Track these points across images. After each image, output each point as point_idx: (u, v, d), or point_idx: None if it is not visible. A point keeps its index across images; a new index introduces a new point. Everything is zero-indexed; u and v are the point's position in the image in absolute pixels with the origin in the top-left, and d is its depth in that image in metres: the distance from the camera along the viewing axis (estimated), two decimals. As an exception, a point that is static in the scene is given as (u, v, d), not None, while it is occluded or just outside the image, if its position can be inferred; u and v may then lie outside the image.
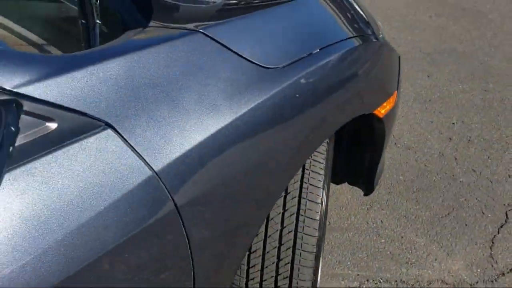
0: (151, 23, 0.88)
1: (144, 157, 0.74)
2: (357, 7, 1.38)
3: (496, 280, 1.72)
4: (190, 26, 0.90)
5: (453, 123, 2.55)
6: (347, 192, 2.06)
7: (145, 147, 0.74)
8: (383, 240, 1.86)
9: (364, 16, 1.38)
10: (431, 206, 2.02)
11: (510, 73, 3.06)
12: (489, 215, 1.99)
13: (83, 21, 0.85)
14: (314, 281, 1.18)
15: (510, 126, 2.53)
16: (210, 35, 0.88)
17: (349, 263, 1.77)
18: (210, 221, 0.86)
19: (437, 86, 2.89)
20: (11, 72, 0.64)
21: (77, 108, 0.68)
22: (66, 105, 0.67)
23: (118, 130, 0.72)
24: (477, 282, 1.72)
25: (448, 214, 1.99)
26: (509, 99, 2.77)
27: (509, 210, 2.02)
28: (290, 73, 0.99)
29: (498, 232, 1.91)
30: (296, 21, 1.12)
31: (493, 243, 1.87)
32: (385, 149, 1.61)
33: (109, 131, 0.71)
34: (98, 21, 0.84)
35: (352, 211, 1.98)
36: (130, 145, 0.73)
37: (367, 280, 1.71)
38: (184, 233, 0.81)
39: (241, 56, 0.91)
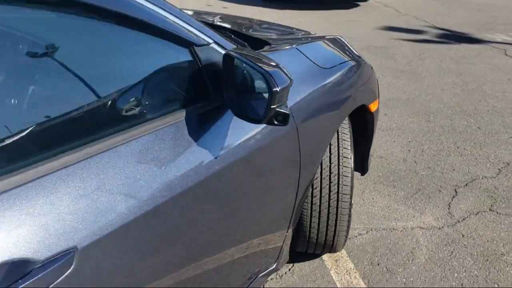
0: (272, 44, 1.76)
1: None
2: (351, 47, 2.32)
3: (454, 225, 2.56)
4: (291, 45, 1.78)
5: (409, 141, 3.49)
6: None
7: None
8: (376, 209, 2.68)
9: (356, 52, 2.31)
10: (404, 189, 2.88)
11: (444, 110, 4.10)
12: (444, 191, 2.87)
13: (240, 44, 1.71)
14: (351, 196, 1.98)
15: (449, 141, 3.50)
16: (299, 49, 1.76)
17: (356, 221, 2.56)
18: (308, 135, 1.67)
19: (392, 120, 3.87)
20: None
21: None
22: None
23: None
24: (442, 226, 2.55)
25: (417, 192, 2.85)
26: (446, 126, 3.77)
27: (457, 188, 2.90)
28: (332, 71, 1.87)
29: (452, 200, 2.78)
30: (328, 48, 2.03)
31: (449, 206, 2.73)
32: (373, 139, 2.48)
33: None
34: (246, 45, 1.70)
35: (351, 194, 2.80)
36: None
37: (371, 230, 2.50)
38: (298, 140, 1.62)
39: (311, 60, 1.78)
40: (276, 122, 1.20)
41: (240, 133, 1.38)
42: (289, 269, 2.22)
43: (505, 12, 8.37)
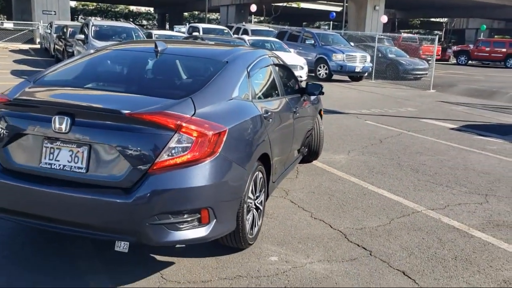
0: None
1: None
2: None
3: (351, 158, 6.98)
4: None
5: (326, 142, 7.94)
6: (308, 150, 7.21)
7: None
8: (322, 156, 7.00)
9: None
10: (330, 151, 7.26)
11: (336, 136, 8.68)
12: (345, 151, 7.30)
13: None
14: (323, 133, 6.31)
15: (347, 140, 8.02)
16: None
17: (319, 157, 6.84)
18: (314, 111, 5.99)
19: (315, 137, 8.34)
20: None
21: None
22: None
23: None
24: (347, 157, 6.95)
25: (335, 152, 7.25)
26: (341, 138, 8.33)
27: (349, 150, 7.36)
28: (316, 99, 6.26)
29: (348, 153, 7.22)
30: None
31: (348, 154, 7.15)
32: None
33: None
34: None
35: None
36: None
37: (323, 158, 6.79)
38: (315, 111, 5.93)
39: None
40: (321, 94, 5.55)
41: (307, 102, 5.68)
42: (301, 166, 6.38)
43: (351, 101, 13.84)
